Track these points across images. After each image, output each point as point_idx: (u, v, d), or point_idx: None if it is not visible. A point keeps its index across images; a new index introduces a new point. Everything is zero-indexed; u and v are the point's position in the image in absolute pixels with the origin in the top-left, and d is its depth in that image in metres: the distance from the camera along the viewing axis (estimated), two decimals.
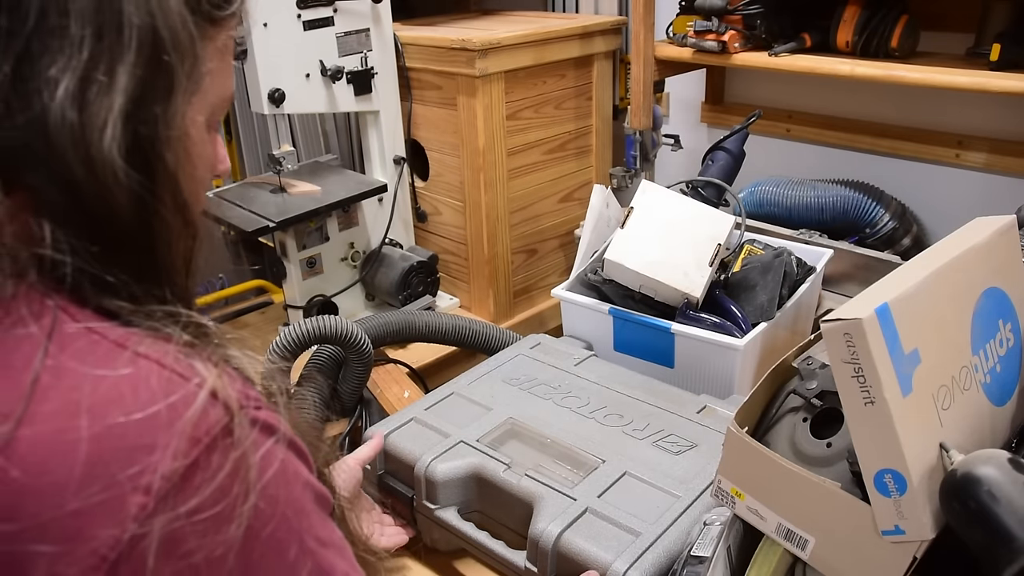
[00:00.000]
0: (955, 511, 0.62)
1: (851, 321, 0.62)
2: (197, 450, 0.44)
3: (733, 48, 1.56)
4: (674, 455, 1.00)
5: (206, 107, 0.53)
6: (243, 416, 0.47)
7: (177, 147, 0.49)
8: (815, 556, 0.72)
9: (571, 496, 0.93)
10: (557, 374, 1.20)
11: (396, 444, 1.06)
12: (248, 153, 2.02)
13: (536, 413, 1.10)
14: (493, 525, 0.99)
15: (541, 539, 0.88)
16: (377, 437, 1.07)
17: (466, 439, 1.04)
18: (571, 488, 0.94)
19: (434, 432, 1.07)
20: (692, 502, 0.92)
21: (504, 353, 1.29)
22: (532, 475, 0.97)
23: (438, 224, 1.84)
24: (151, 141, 0.47)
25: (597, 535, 0.88)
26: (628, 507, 0.91)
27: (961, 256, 0.74)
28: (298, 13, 1.47)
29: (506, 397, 1.14)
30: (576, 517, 0.90)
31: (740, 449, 0.77)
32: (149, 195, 0.47)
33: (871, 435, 0.64)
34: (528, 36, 1.62)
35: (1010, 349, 0.78)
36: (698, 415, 1.08)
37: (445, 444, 1.04)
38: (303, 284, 1.64)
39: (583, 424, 1.08)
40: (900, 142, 1.69)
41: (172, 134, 0.48)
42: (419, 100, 1.74)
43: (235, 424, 0.46)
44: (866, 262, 1.45)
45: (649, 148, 1.74)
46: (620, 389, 1.15)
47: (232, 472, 0.45)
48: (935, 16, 1.50)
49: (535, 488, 0.95)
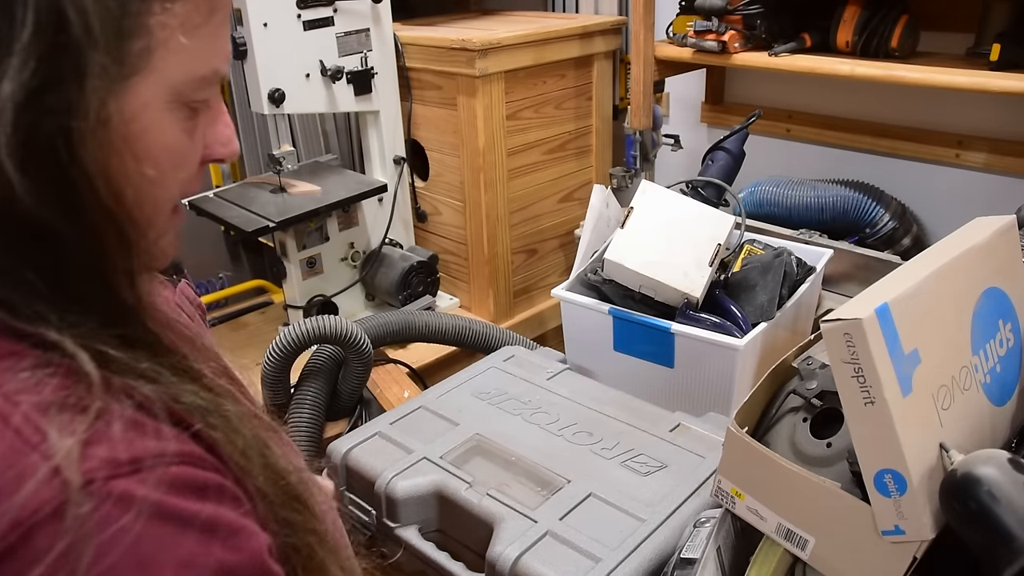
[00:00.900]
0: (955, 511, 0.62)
1: (851, 321, 0.62)
2: (16, 534, 0.38)
3: (733, 48, 1.56)
4: (642, 476, 0.98)
5: (163, 89, 0.45)
6: (84, 495, 0.39)
7: (101, 139, 0.42)
8: (815, 556, 0.72)
9: (532, 518, 0.91)
10: (529, 388, 1.18)
11: (357, 460, 1.03)
12: (248, 153, 2.02)
13: (504, 429, 1.08)
14: (454, 545, 0.97)
15: (498, 562, 0.86)
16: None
17: (429, 456, 1.02)
18: (533, 509, 0.92)
19: (397, 448, 1.05)
20: (657, 526, 0.89)
21: (477, 365, 1.26)
22: (494, 495, 0.94)
23: (438, 224, 1.84)
24: (57, 134, 0.40)
25: (556, 559, 0.85)
26: (590, 530, 0.89)
27: (961, 256, 0.74)
28: (298, 13, 1.47)
29: (475, 412, 1.12)
30: (536, 540, 0.87)
31: (740, 449, 0.77)
32: (51, 197, 0.41)
33: (871, 435, 0.64)
34: (528, 36, 1.62)
35: (1010, 349, 0.78)
36: (671, 433, 1.06)
37: (408, 460, 1.01)
38: (303, 284, 1.64)
39: (551, 441, 1.05)
40: (900, 142, 1.69)
41: (87, 125, 0.41)
42: (419, 100, 1.74)
43: (70, 504, 0.39)
44: (866, 262, 1.45)
45: (649, 148, 1.74)
46: (592, 405, 1.13)
47: (58, 559, 0.38)
48: (935, 16, 1.50)
49: (496, 508, 0.92)
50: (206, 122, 0.51)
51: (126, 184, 0.44)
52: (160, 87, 0.45)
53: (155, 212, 0.48)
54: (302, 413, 1.32)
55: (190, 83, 0.47)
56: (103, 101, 0.41)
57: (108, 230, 0.43)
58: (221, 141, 0.52)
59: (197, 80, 0.47)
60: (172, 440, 0.44)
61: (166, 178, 0.48)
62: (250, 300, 2.03)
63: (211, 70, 0.48)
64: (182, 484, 0.43)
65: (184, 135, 0.48)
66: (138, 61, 0.43)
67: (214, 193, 1.65)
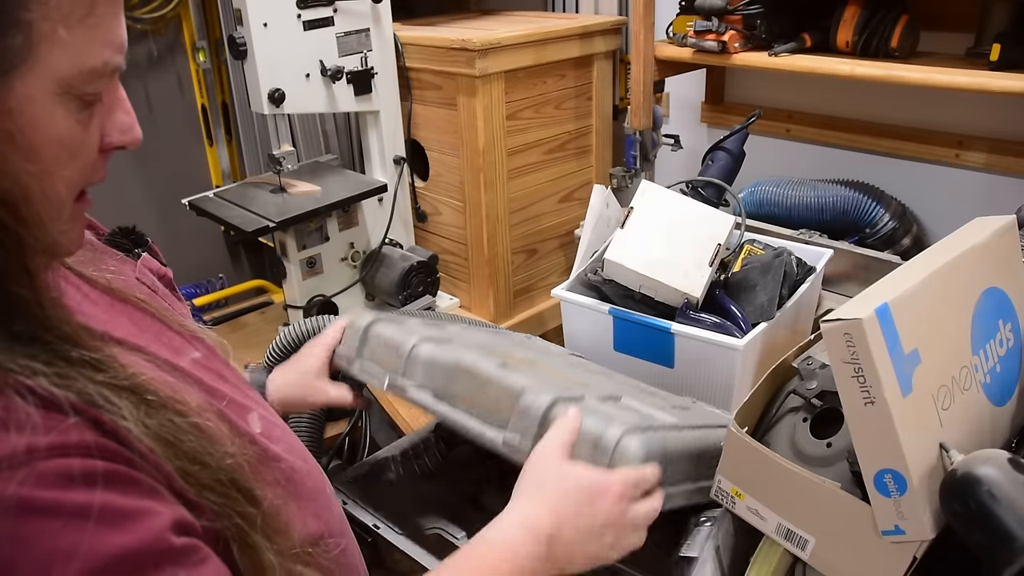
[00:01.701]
0: (955, 511, 0.62)
1: (851, 321, 0.62)
2: None
3: (733, 48, 1.56)
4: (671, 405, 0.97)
5: (49, 82, 0.45)
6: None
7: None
8: (815, 556, 0.72)
9: (570, 396, 0.83)
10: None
11: (382, 331, 0.97)
12: (248, 153, 2.02)
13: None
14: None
15: (531, 408, 0.79)
16: (340, 322, 1.02)
17: (464, 341, 0.96)
18: (567, 389, 0.85)
19: (432, 327, 1.01)
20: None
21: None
22: (528, 372, 0.87)
23: (438, 224, 1.84)
24: None
25: (596, 411, 0.79)
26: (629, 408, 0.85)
27: (961, 256, 0.74)
28: (298, 13, 1.47)
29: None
30: (574, 398, 0.81)
31: (740, 449, 0.77)
32: None
33: (871, 435, 0.64)
34: (528, 36, 1.62)
35: (1010, 349, 0.78)
36: (687, 400, 1.07)
37: (441, 335, 0.95)
38: (303, 284, 1.64)
39: (581, 378, 1.00)
40: (900, 142, 1.69)
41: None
42: (419, 100, 1.74)
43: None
44: (866, 262, 1.45)
45: (649, 148, 1.74)
46: (607, 375, 1.12)
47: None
48: (935, 16, 1.50)
49: (526, 381, 0.84)
50: (103, 111, 0.50)
51: (10, 181, 0.44)
52: (46, 80, 0.44)
53: (47, 206, 0.48)
54: (302, 413, 1.32)
55: (78, 76, 0.46)
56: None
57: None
58: (120, 129, 0.52)
59: (86, 72, 0.46)
60: (47, 433, 0.44)
61: (59, 171, 0.47)
62: (250, 300, 2.03)
63: (101, 61, 0.47)
64: (56, 476, 0.43)
65: (78, 126, 0.48)
66: (17, 56, 0.43)
67: (214, 193, 1.65)
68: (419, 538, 0.98)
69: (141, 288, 0.68)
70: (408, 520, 1.00)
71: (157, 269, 0.74)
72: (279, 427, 0.71)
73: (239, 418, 0.64)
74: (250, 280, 2.12)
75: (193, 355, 0.66)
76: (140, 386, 0.51)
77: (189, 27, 1.86)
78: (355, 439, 1.42)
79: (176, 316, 0.68)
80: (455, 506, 1.04)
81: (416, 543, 0.96)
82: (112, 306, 0.62)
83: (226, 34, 1.76)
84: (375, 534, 0.98)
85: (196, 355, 0.66)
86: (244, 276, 2.14)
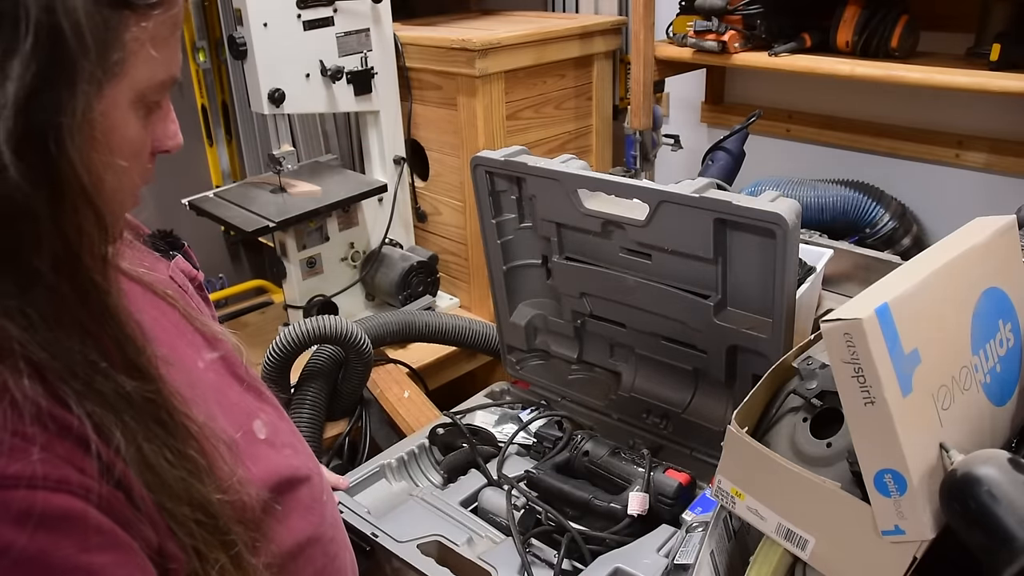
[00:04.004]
0: (955, 511, 0.62)
1: (851, 321, 0.62)
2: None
3: (733, 48, 1.56)
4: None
5: (131, 91, 0.52)
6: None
7: (85, 134, 0.47)
8: (815, 556, 0.72)
9: None
10: None
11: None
12: (248, 153, 2.02)
13: None
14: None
15: None
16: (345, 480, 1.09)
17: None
18: None
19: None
20: None
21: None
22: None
23: (438, 224, 1.83)
24: (48, 129, 0.46)
25: None
26: None
27: (961, 256, 0.74)
28: (298, 13, 1.47)
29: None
30: None
31: (740, 449, 0.77)
32: (41, 181, 0.46)
33: (871, 435, 0.64)
34: (528, 36, 1.62)
35: (1010, 349, 0.78)
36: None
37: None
38: (303, 284, 1.64)
39: None
40: (900, 142, 1.69)
41: (74, 121, 0.47)
42: (419, 100, 1.74)
43: None
44: (866, 262, 1.45)
45: (649, 148, 1.74)
46: None
47: None
48: (935, 16, 1.50)
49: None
50: (158, 118, 0.57)
51: (106, 173, 0.49)
52: (129, 90, 0.52)
53: (125, 200, 0.56)
54: (302, 413, 1.32)
55: (152, 87, 0.53)
56: (88, 102, 0.47)
57: (87, 214, 0.48)
58: (169, 135, 0.59)
59: (157, 84, 0.54)
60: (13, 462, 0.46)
61: (129, 168, 0.54)
62: (250, 300, 2.03)
63: (169, 76, 0.55)
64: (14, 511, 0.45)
65: (144, 131, 0.55)
66: (116, 68, 0.50)
67: (214, 193, 1.65)
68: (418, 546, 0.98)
69: (172, 285, 0.71)
70: (406, 527, 1.00)
71: (189, 271, 0.76)
72: (285, 430, 0.72)
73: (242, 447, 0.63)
74: (250, 280, 2.12)
75: (210, 355, 0.68)
76: (159, 401, 0.53)
77: (189, 27, 1.86)
78: (355, 439, 1.43)
79: (200, 316, 0.70)
80: (454, 512, 1.04)
81: (415, 551, 0.96)
82: (142, 296, 0.64)
83: (226, 34, 1.76)
84: (373, 543, 0.98)
85: (213, 355, 0.68)
86: (244, 276, 2.14)
